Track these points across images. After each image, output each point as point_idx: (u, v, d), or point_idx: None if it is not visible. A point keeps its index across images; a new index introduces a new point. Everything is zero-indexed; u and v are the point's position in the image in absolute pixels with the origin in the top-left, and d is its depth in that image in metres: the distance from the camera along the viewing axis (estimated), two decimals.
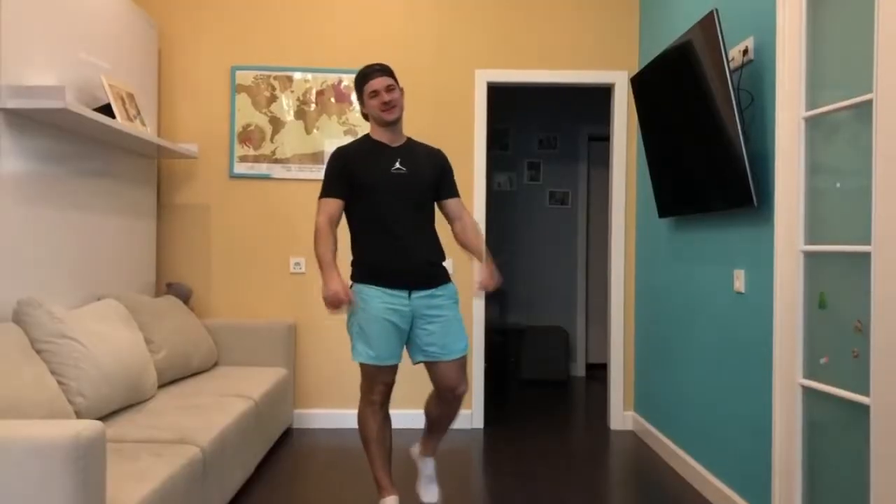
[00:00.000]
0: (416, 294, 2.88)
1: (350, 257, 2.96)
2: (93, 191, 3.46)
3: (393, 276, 2.86)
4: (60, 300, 3.16)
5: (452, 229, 3.09)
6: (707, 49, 3.03)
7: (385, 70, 2.91)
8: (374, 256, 2.90)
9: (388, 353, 2.87)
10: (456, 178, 3.14)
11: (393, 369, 2.94)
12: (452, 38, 4.58)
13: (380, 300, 2.85)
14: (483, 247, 3.04)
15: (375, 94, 2.87)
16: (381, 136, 2.96)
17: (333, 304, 2.77)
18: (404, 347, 2.96)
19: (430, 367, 2.94)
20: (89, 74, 3.40)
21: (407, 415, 4.41)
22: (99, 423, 1.87)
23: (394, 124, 2.93)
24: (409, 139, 3.04)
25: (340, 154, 2.93)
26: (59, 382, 2.64)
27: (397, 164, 2.90)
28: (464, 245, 3.07)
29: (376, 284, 2.87)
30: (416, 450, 3.25)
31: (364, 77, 2.90)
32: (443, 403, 3.01)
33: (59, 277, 3.16)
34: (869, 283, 2.15)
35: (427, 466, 3.19)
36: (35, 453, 1.75)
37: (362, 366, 2.91)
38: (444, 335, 2.89)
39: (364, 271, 2.90)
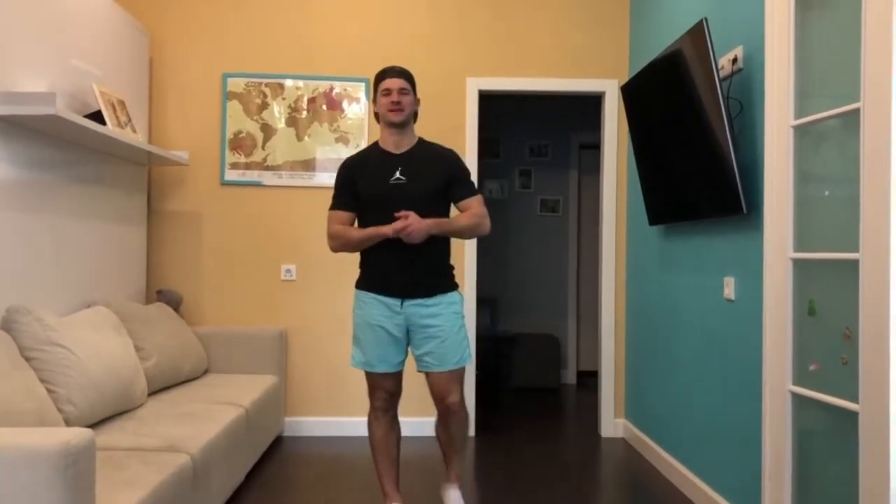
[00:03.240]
0: (408, 303, 2.89)
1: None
2: (83, 198, 3.45)
3: (387, 285, 2.90)
4: (50, 308, 3.14)
5: None
6: (697, 58, 3.05)
7: (403, 73, 2.93)
8: (371, 265, 2.95)
9: (380, 360, 2.92)
10: None
11: (390, 377, 2.97)
12: (444, 46, 4.60)
13: (374, 308, 2.92)
14: (455, 223, 2.90)
15: (388, 92, 2.89)
16: (387, 141, 2.96)
17: (403, 230, 2.73)
18: (405, 356, 2.98)
19: (426, 375, 2.96)
20: (80, 81, 3.39)
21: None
22: (88, 430, 1.86)
23: (399, 127, 2.92)
24: (418, 142, 3.01)
25: (346, 166, 3.00)
26: (49, 390, 2.62)
27: (397, 174, 2.89)
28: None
29: (371, 291, 2.93)
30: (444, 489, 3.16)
31: (381, 75, 2.94)
32: (439, 417, 3.02)
33: (48, 285, 3.15)
34: (857, 291, 2.16)
35: (450, 495, 3.08)
36: (24, 461, 1.74)
37: (365, 372, 2.98)
38: (440, 346, 2.88)
39: (362, 278, 2.98)
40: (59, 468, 1.75)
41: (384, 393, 2.99)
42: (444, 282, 2.97)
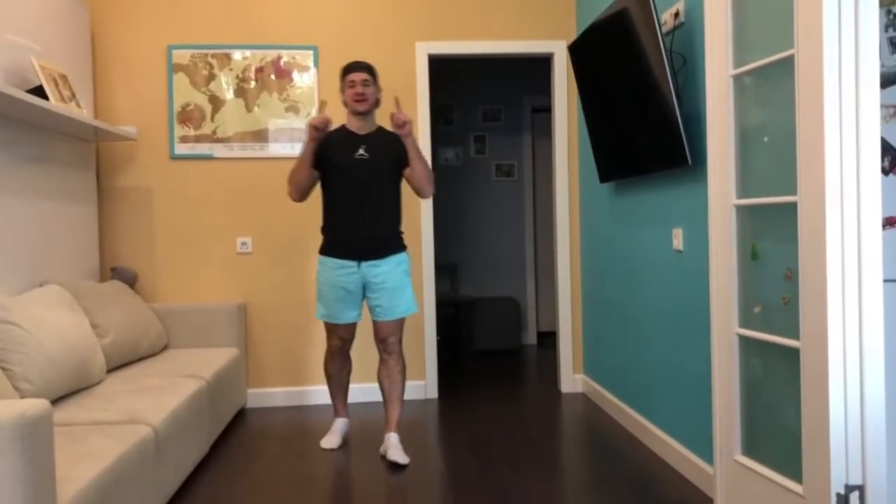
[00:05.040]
0: (364, 263, 3.43)
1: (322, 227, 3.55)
2: (29, 176, 3.38)
3: (344, 249, 3.44)
4: (0, 288, 3.09)
5: (409, 182, 3.49)
6: (640, 13, 3.09)
7: (366, 67, 3.42)
8: (331, 231, 3.49)
9: (339, 314, 3.49)
10: None
11: (347, 327, 3.55)
12: (392, 11, 4.56)
13: (334, 270, 3.45)
14: (422, 155, 3.44)
15: (352, 84, 3.38)
16: (352, 124, 3.47)
17: (317, 125, 3.26)
18: (360, 309, 3.52)
19: (374, 321, 3.52)
20: (19, 57, 3.30)
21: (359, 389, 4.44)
22: (45, 401, 1.86)
23: (363, 114, 3.43)
24: (379, 128, 3.50)
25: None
26: (3, 368, 2.59)
27: (361, 151, 3.39)
28: (412, 172, 3.43)
29: (331, 256, 3.46)
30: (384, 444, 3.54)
31: (346, 69, 3.43)
32: (381, 360, 3.56)
33: None
34: (796, 232, 2.24)
35: (391, 438, 3.48)
36: None
37: (325, 321, 3.55)
38: (389, 299, 3.45)
39: (325, 244, 3.51)
40: (16, 439, 1.74)
41: (339, 340, 3.58)
42: (394, 244, 3.49)
